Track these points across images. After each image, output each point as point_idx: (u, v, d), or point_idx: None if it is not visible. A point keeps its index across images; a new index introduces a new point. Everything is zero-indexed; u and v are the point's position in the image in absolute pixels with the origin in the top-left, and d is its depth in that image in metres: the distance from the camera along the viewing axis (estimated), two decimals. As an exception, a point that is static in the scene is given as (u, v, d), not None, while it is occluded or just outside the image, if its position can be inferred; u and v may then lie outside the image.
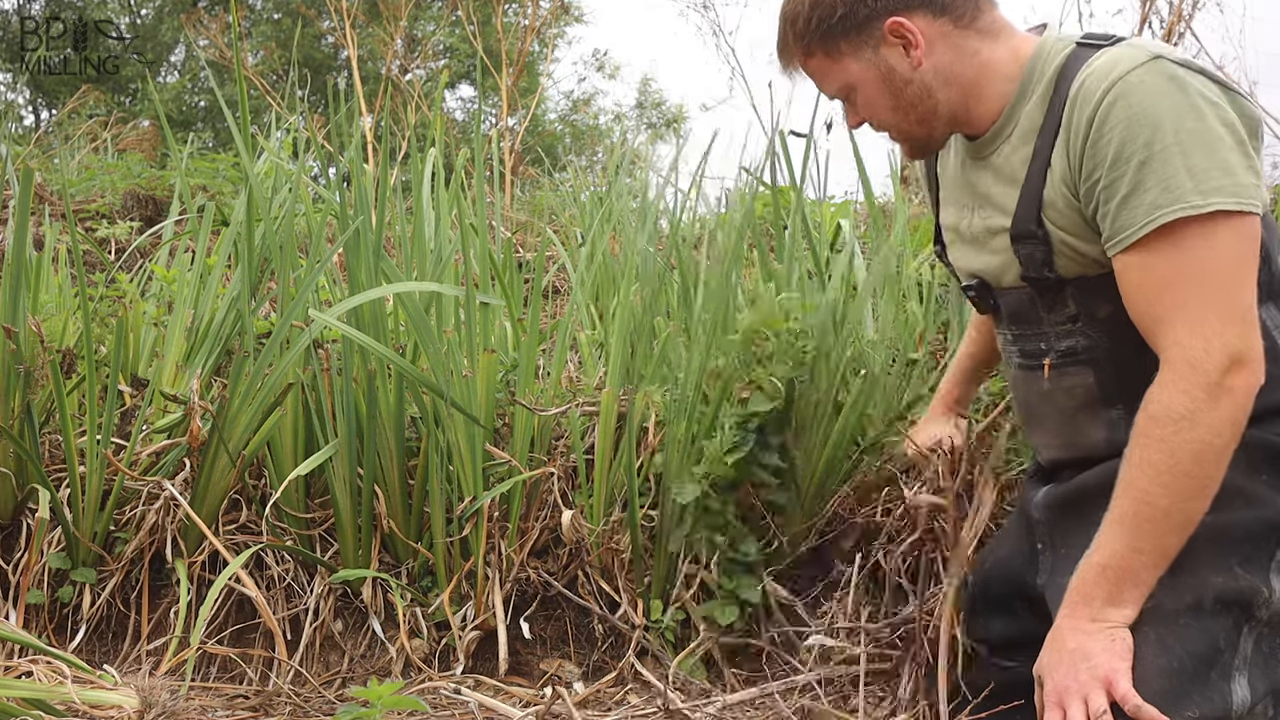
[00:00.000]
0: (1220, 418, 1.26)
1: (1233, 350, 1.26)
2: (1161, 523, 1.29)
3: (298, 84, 4.89)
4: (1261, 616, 1.35)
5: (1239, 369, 1.26)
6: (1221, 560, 1.34)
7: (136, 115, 12.03)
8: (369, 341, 2.09)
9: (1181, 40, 6.08)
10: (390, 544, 2.23)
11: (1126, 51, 1.33)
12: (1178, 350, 1.28)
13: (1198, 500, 1.29)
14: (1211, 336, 1.26)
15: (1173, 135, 1.27)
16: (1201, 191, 1.26)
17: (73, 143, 5.95)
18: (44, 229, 3.04)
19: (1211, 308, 1.27)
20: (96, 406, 2.11)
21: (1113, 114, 1.30)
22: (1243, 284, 1.28)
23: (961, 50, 1.43)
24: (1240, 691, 1.31)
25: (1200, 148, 1.27)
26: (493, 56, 9.44)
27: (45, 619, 2.11)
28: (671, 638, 2.12)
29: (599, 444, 2.18)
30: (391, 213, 2.64)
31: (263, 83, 9.42)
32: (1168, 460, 1.28)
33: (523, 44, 9.72)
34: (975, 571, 1.70)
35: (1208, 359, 1.26)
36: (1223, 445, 1.27)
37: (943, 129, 1.49)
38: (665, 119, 17.63)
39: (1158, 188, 1.27)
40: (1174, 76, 1.29)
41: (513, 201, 5.68)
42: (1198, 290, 1.28)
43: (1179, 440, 1.27)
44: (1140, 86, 1.29)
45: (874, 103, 1.47)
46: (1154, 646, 1.31)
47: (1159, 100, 1.28)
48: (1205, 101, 1.29)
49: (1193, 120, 1.27)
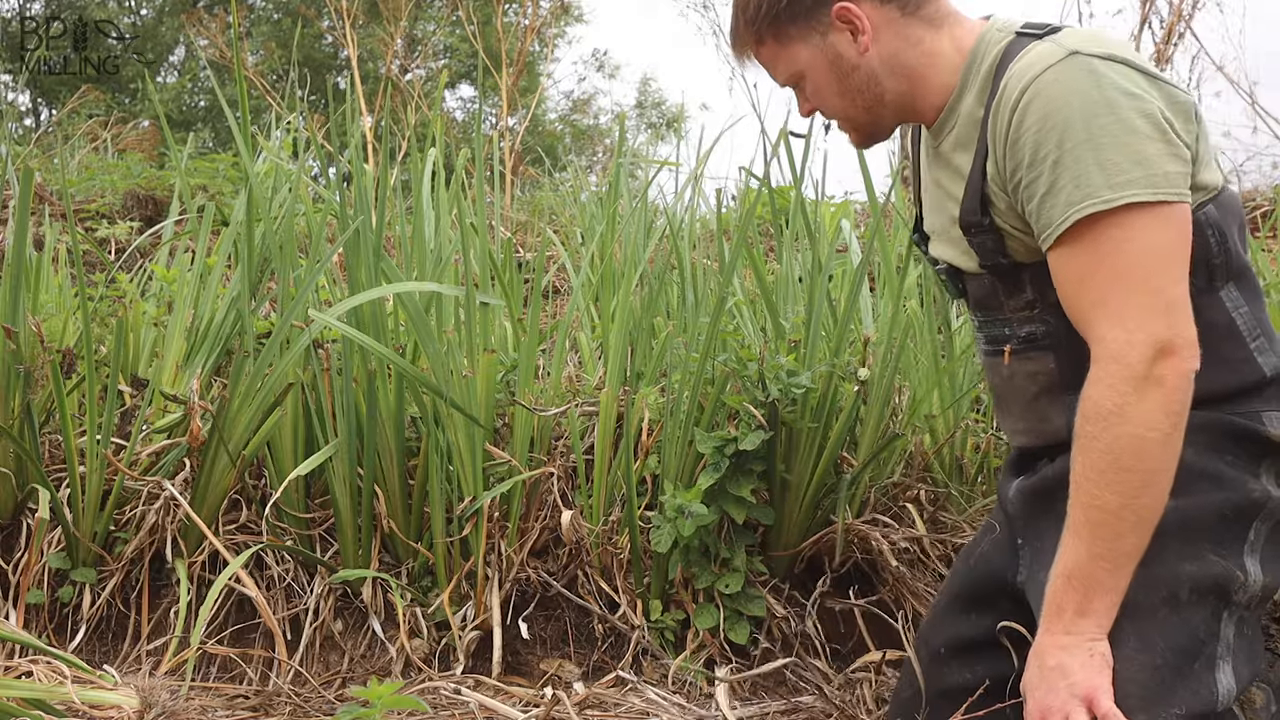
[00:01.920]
0: (1150, 409, 1.25)
1: (1157, 339, 1.26)
2: (1114, 524, 1.28)
3: (298, 84, 4.88)
4: (1240, 601, 1.34)
5: (1166, 357, 1.26)
6: (1192, 547, 1.33)
7: (136, 115, 12.03)
8: (369, 341, 2.09)
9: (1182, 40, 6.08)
10: (390, 544, 2.23)
11: (1045, 49, 1.34)
12: (1101, 345, 1.29)
13: (1146, 495, 1.27)
14: (1134, 329, 1.27)
15: (1084, 131, 1.28)
16: (1113, 185, 1.27)
17: (73, 143, 5.95)
18: (44, 229, 3.04)
19: (1131, 299, 1.27)
20: (96, 406, 2.11)
21: (1028, 115, 1.32)
22: (1165, 273, 1.28)
23: (907, 39, 1.45)
24: (1225, 681, 1.31)
25: (1113, 142, 1.27)
26: (493, 56, 9.44)
27: (45, 619, 2.11)
28: (672, 637, 2.12)
29: (598, 444, 2.18)
30: (391, 213, 2.64)
31: (262, 83, 9.42)
32: (1107, 459, 1.27)
33: (523, 44, 9.73)
34: (958, 568, 1.70)
35: (1130, 351, 1.26)
36: (1159, 437, 1.26)
37: (890, 117, 1.51)
38: (665, 119, 17.63)
39: (1070, 185, 1.29)
40: (1090, 71, 1.30)
41: (513, 201, 5.68)
42: (1117, 283, 1.28)
43: (1112, 437, 1.27)
44: (1054, 85, 1.30)
45: (822, 90, 1.49)
46: (1135, 644, 1.30)
47: (1072, 97, 1.29)
48: (1121, 94, 1.29)
49: (1105, 115, 1.28)
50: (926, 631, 1.67)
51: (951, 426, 2.35)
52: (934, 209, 1.56)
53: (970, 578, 1.63)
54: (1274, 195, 4.78)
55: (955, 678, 1.57)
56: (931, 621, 1.67)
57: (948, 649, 1.60)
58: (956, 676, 1.57)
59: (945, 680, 1.59)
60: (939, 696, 1.59)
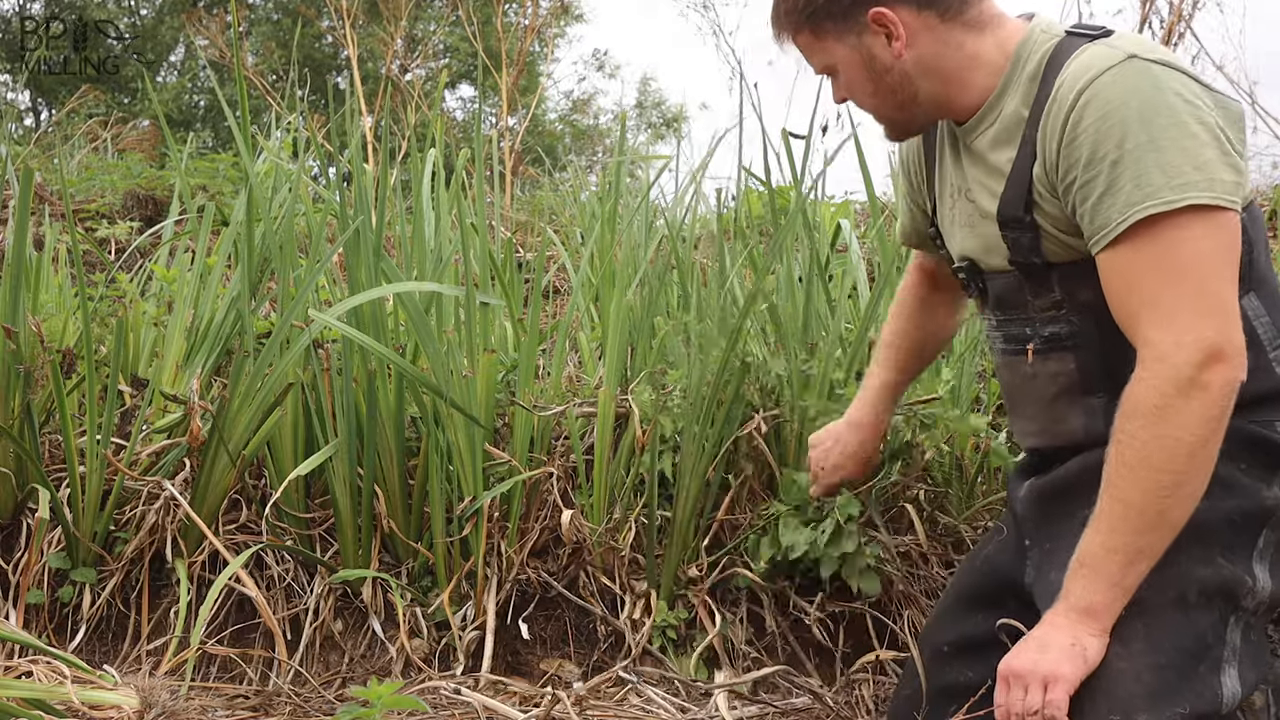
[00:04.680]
0: (1191, 414, 1.25)
1: (1206, 345, 1.25)
2: (1134, 520, 1.28)
3: (298, 84, 4.88)
4: (1248, 606, 1.35)
5: (1214, 364, 1.25)
6: (1204, 551, 1.33)
7: (136, 115, 12.03)
8: (369, 341, 2.09)
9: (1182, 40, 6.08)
10: (390, 544, 2.23)
11: (1102, 51, 1.34)
12: (1149, 347, 1.29)
13: (1172, 499, 1.27)
14: (1183, 331, 1.26)
15: (1145, 133, 1.28)
16: (1174, 187, 1.26)
17: (73, 143, 5.95)
18: (44, 229, 3.04)
19: (1184, 302, 1.27)
20: (96, 406, 2.11)
21: (1086, 115, 1.31)
22: (1219, 277, 1.28)
23: (946, 43, 1.44)
24: (1230, 684, 1.31)
25: (1173, 145, 1.27)
26: (493, 56, 9.44)
27: (45, 619, 2.11)
28: (674, 636, 2.12)
29: (597, 444, 2.18)
30: (391, 213, 2.64)
31: (262, 83, 9.42)
32: (1138, 456, 1.27)
33: (523, 44, 9.73)
34: (964, 568, 1.70)
35: (1178, 353, 1.26)
36: (1195, 441, 1.26)
37: (923, 115, 1.51)
38: (665, 119, 17.64)
39: (1131, 185, 1.28)
40: (1150, 74, 1.30)
41: (513, 201, 5.68)
42: (1171, 285, 1.27)
43: (1148, 436, 1.27)
44: (1113, 86, 1.30)
45: (855, 86, 1.50)
46: (1142, 642, 1.31)
47: (1131, 99, 1.29)
48: (1180, 100, 1.29)
49: (1166, 118, 1.28)
50: (930, 630, 1.67)
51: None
52: (957, 205, 1.55)
53: (976, 578, 1.64)
54: (1274, 195, 4.78)
55: (957, 676, 1.58)
56: (935, 620, 1.67)
57: (951, 647, 1.60)
58: (958, 675, 1.58)
59: (946, 678, 1.59)
60: (940, 694, 1.59)
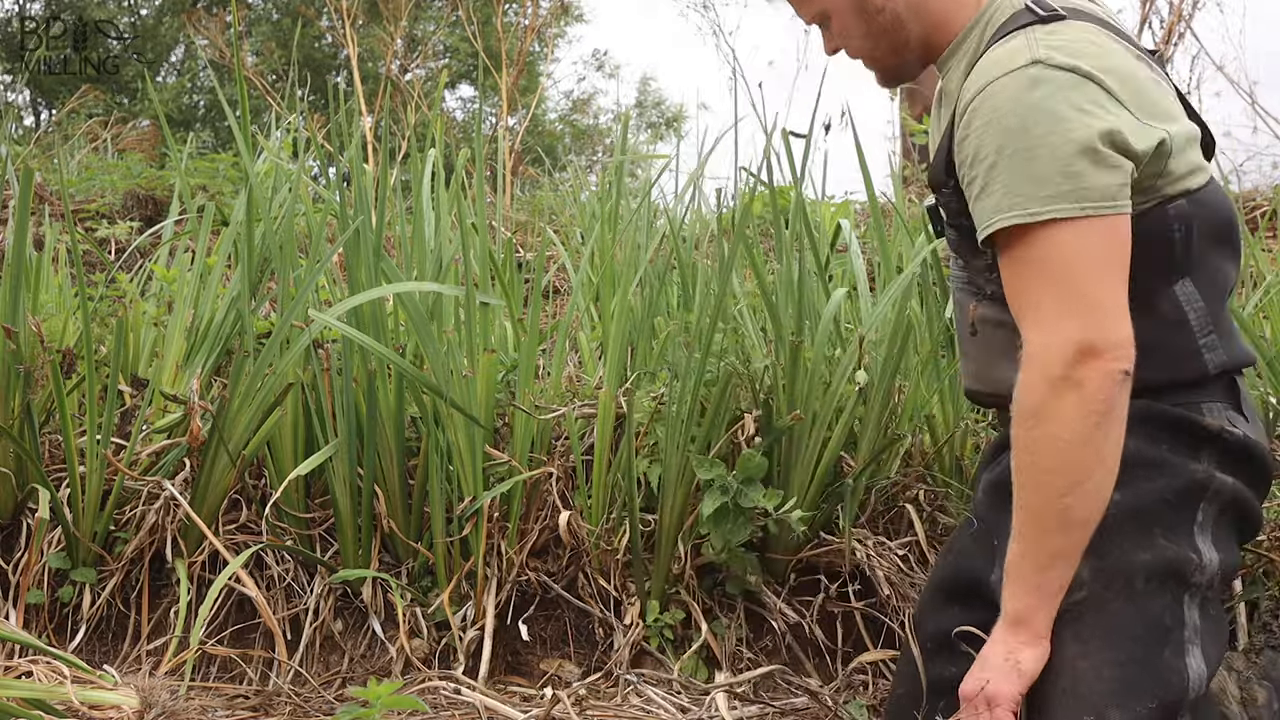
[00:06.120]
0: (1065, 410, 1.26)
1: (1075, 341, 1.26)
2: (1038, 523, 1.29)
3: (297, 84, 4.88)
4: (1199, 582, 1.34)
5: (1086, 359, 1.26)
6: (1142, 536, 1.34)
7: (136, 115, 12.03)
8: (369, 341, 2.09)
9: (1182, 40, 6.07)
10: (390, 544, 2.23)
11: (1014, 47, 1.34)
12: (1026, 347, 1.31)
13: (1071, 497, 1.27)
14: (1050, 331, 1.28)
15: (1022, 141, 1.29)
16: (1041, 199, 1.28)
17: (73, 143, 5.95)
18: (44, 229, 3.04)
19: (1050, 305, 1.29)
20: (96, 406, 2.11)
21: (977, 117, 1.33)
22: (1089, 276, 1.28)
23: None
24: (1195, 665, 1.31)
25: (1048, 155, 1.28)
26: (493, 56, 9.44)
27: (45, 619, 2.11)
28: (672, 636, 2.12)
29: (597, 445, 2.18)
30: (391, 213, 2.64)
31: (262, 83, 9.43)
32: (1029, 458, 1.29)
33: (523, 44, 9.73)
34: (941, 559, 1.69)
35: (1046, 352, 1.28)
36: (1074, 438, 1.26)
37: (914, 59, 1.52)
38: (665, 119, 17.64)
39: (1000, 192, 1.30)
40: (1045, 82, 1.30)
41: (513, 201, 5.68)
42: (1039, 289, 1.30)
43: (1031, 437, 1.28)
44: (1003, 92, 1.31)
45: (848, 30, 1.51)
46: (1100, 639, 1.31)
47: (1017, 107, 1.30)
48: (1072, 108, 1.29)
49: (1045, 127, 1.28)
50: (916, 623, 1.67)
51: (951, 426, 2.35)
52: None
53: (950, 571, 1.62)
54: (1274, 195, 4.78)
55: (941, 671, 1.57)
56: (919, 613, 1.67)
57: (933, 642, 1.60)
58: (942, 670, 1.57)
59: (931, 673, 1.59)
60: (928, 689, 1.58)
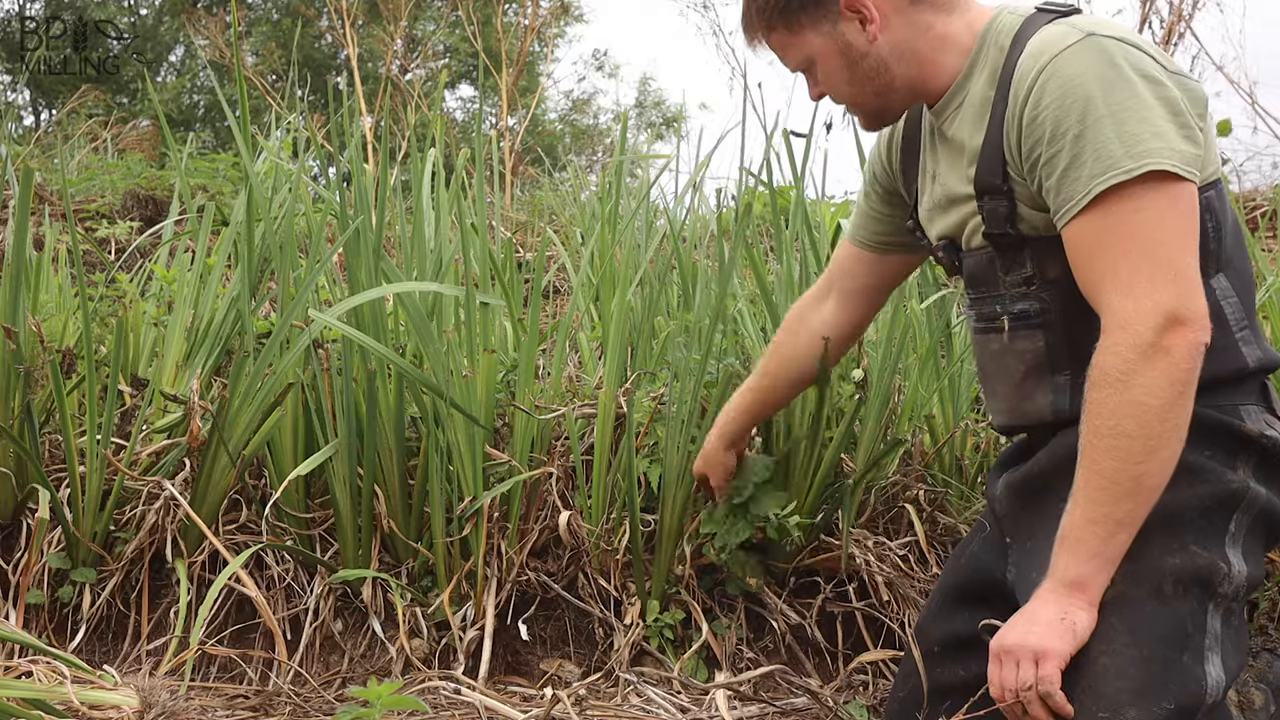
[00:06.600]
0: (1155, 377, 1.27)
1: (1166, 309, 1.27)
2: (1110, 489, 1.29)
3: (297, 84, 4.88)
4: (1225, 592, 1.35)
5: (1175, 328, 1.27)
6: (1174, 540, 1.35)
7: (136, 115, 12.02)
8: (369, 341, 2.09)
9: (1182, 40, 6.08)
10: (390, 544, 2.23)
11: (1061, 29, 1.36)
12: (1110, 314, 1.31)
13: (1146, 465, 1.28)
14: (1141, 297, 1.28)
15: (1104, 106, 1.30)
16: (1133, 155, 1.29)
17: (73, 143, 5.95)
18: (44, 229, 3.03)
19: (1141, 269, 1.29)
20: (96, 406, 2.11)
21: (1047, 93, 1.33)
22: (1176, 245, 1.29)
23: (916, 25, 1.46)
24: (1214, 673, 1.32)
25: (1133, 116, 1.29)
26: (493, 56, 9.44)
27: (45, 619, 2.11)
28: (671, 636, 2.12)
29: (597, 445, 2.18)
30: (391, 213, 2.64)
31: (262, 83, 9.43)
32: (1108, 423, 1.29)
33: (523, 44, 9.73)
34: (950, 564, 1.70)
35: (1138, 319, 1.28)
36: (1161, 405, 1.27)
37: (899, 101, 1.52)
38: (665, 119, 17.62)
39: (1092, 159, 1.30)
40: (1107, 51, 1.32)
41: (513, 201, 5.68)
42: (1127, 253, 1.30)
43: (1116, 402, 1.28)
44: (1071, 64, 1.32)
45: (833, 76, 1.51)
46: (1124, 637, 1.31)
47: (1090, 74, 1.31)
48: (1139, 75, 1.31)
49: (1124, 91, 1.30)
50: (921, 628, 1.67)
51: (951, 426, 2.35)
52: (934, 190, 1.57)
53: (962, 575, 1.63)
54: (1274, 195, 4.79)
55: (949, 675, 1.58)
56: (926, 618, 1.67)
57: (941, 646, 1.61)
58: (950, 674, 1.58)
59: (938, 678, 1.59)
60: (933, 693, 1.59)
